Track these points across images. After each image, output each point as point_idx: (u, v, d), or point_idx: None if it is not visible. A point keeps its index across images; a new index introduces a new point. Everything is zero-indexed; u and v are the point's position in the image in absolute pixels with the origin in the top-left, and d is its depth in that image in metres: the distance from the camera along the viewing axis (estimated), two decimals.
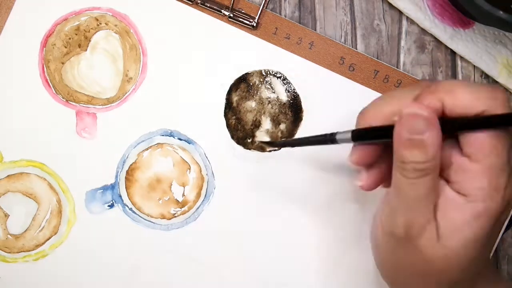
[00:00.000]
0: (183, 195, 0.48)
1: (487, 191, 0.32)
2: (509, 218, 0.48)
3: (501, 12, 0.41)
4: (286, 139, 0.48)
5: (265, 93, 0.49)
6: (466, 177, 0.32)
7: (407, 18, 0.49)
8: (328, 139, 0.39)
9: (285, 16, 0.49)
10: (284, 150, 0.48)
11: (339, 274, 0.49)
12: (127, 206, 0.48)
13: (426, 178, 0.33)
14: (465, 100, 0.32)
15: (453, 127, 0.33)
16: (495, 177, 0.32)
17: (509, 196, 0.33)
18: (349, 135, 0.37)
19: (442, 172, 0.34)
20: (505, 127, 0.31)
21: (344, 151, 0.48)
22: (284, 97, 0.49)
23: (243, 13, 0.48)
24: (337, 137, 0.38)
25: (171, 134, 0.48)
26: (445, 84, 0.33)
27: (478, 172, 0.32)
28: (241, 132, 0.49)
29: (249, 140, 0.49)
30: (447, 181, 0.33)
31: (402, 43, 0.49)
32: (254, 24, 0.48)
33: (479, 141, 0.32)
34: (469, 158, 0.32)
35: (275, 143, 0.48)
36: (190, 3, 0.48)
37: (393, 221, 0.35)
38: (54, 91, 0.48)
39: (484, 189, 0.32)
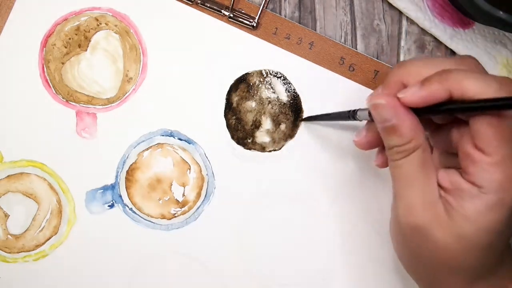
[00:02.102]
0: (183, 195, 0.48)
1: (500, 183, 0.32)
2: None
3: (501, 12, 0.41)
4: (311, 116, 0.48)
5: (265, 93, 0.49)
6: (479, 169, 0.32)
7: (407, 18, 0.49)
8: (350, 115, 0.40)
9: (285, 16, 0.49)
10: (284, 150, 0.48)
11: (339, 274, 0.49)
12: (127, 206, 0.48)
13: (410, 158, 0.34)
14: (472, 92, 0.32)
15: (452, 109, 0.33)
16: (508, 168, 0.32)
17: None
18: (367, 113, 0.38)
19: (459, 163, 0.34)
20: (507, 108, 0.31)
21: (343, 150, 0.48)
22: (284, 97, 0.49)
23: (243, 13, 0.48)
24: (358, 114, 0.39)
25: (171, 134, 0.48)
26: (456, 74, 0.33)
27: (490, 165, 0.32)
28: (241, 132, 0.49)
29: (249, 140, 0.49)
30: (463, 172, 0.34)
31: (402, 43, 0.49)
32: (254, 24, 0.48)
33: (489, 134, 0.32)
34: (481, 150, 0.32)
35: (307, 119, 0.48)
36: (190, 3, 0.48)
37: (395, 210, 0.36)
38: (54, 91, 0.48)
39: (497, 181, 0.32)
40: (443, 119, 0.38)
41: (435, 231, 0.34)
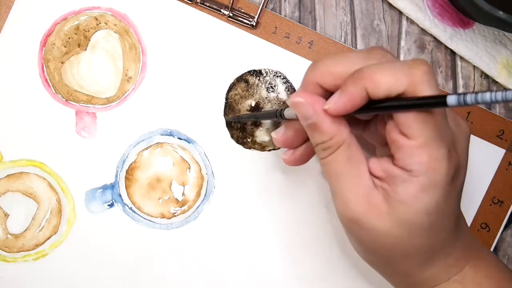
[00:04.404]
0: (183, 194, 0.48)
1: (427, 164, 0.33)
2: (507, 217, 0.48)
3: (501, 12, 0.41)
4: (240, 114, 0.49)
5: (265, 92, 0.49)
6: (406, 153, 0.33)
7: (407, 18, 0.49)
8: (278, 114, 0.41)
9: (285, 16, 0.49)
10: (283, 149, 0.48)
11: (338, 273, 0.49)
12: (127, 205, 0.48)
13: (336, 154, 0.35)
14: (386, 84, 0.32)
15: (378, 108, 0.34)
16: (433, 150, 0.33)
17: (457, 164, 0.34)
18: (294, 112, 0.38)
19: (388, 150, 0.35)
20: (420, 108, 0.32)
21: None
22: (284, 96, 0.49)
23: (243, 12, 0.48)
24: (285, 112, 0.40)
25: (171, 134, 0.48)
26: (367, 71, 0.33)
27: (415, 148, 0.33)
28: (241, 131, 0.49)
29: (249, 140, 0.49)
30: (393, 158, 0.34)
31: (402, 43, 0.49)
32: (254, 24, 0.48)
33: (409, 120, 0.33)
34: (405, 135, 0.33)
35: (233, 118, 0.48)
36: (190, 2, 0.48)
37: (335, 206, 0.37)
38: (53, 91, 0.48)
39: (423, 163, 0.33)
40: (368, 115, 0.38)
41: (371, 221, 0.35)
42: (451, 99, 0.29)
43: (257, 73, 0.49)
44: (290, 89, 0.48)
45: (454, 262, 0.38)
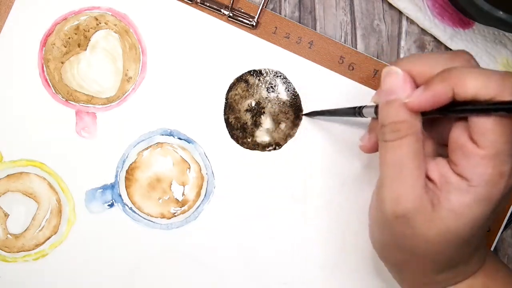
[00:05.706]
0: (183, 194, 0.48)
1: (490, 177, 0.32)
2: (508, 217, 0.48)
3: (501, 12, 0.41)
4: (314, 111, 0.48)
5: (265, 92, 0.49)
6: (471, 162, 0.32)
7: (407, 18, 0.49)
8: (356, 111, 0.40)
9: (285, 16, 0.49)
10: (283, 149, 0.48)
11: (338, 273, 0.49)
12: (127, 205, 0.48)
13: (405, 141, 0.34)
14: (474, 88, 0.32)
15: (461, 110, 0.33)
16: (500, 164, 0.32)
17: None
18: (373, 110, 0.38)
19: (448, 154, 0.34)
20: (501, 112, 0.31)
21: (343, 150, 0.48)
22: (284, 96, 0.49)
23: (243, 12, 0.48)
24: (364, 110, 0.39)
25: (171, 134, 0.48)
26: (457, 72, 0.33)
27: (483, 158, 0.32)
28: (241, 131, 0.49)
29: (249, 140, 0.49)
30: (452, 164, 0.34)
31: (402, 43, 0.49)
32: (254, 24, 0.48)
33: (487, 128, 0.32)
34: (476, 143, 0.32)
35: (310, 114, 0.48)
36: (190, 2, 0.48)
37: (381, 196, 0.35)
38: (53, 91, 0.48)
39: (487, 175, 0.32)
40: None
41: (420, 223, 0.34)
42: None
43: (257, 73, 0.49)
44: (290, 89, 0.48)
45: (471, 268, 0.38)
